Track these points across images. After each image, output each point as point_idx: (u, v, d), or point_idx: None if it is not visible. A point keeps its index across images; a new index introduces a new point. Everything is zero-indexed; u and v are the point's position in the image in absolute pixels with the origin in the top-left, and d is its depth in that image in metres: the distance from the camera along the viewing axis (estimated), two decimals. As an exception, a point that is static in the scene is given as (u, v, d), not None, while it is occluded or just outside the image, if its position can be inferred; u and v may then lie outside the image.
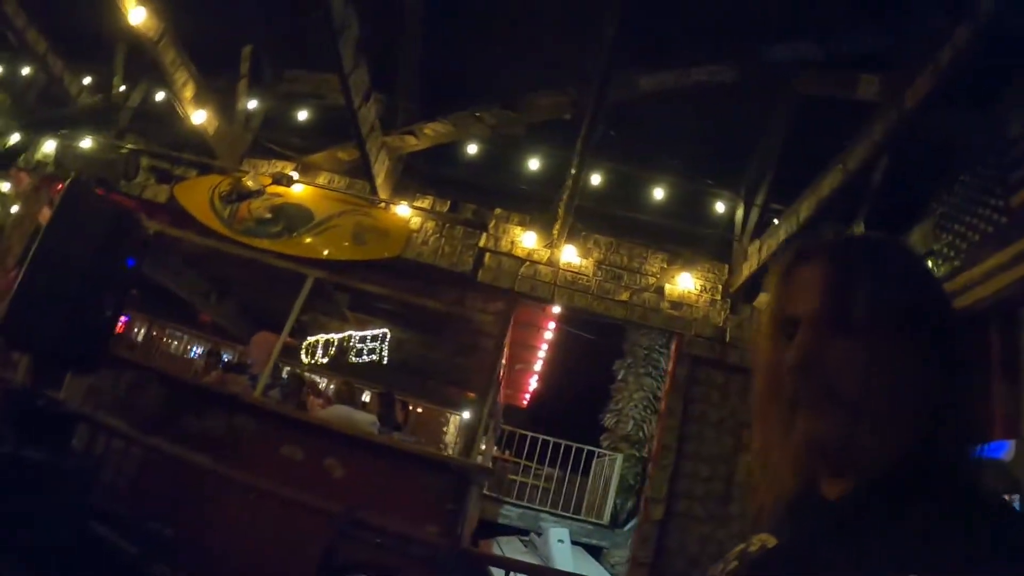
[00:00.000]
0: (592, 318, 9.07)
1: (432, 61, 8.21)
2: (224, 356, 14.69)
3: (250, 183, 8.39)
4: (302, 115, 9.46)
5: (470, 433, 8.93)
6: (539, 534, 14.53)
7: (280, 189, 8.55)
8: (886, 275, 1.23)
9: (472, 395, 16.60)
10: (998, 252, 5.40)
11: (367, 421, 8.87)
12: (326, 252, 8.58)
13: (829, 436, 1.17)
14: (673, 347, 8.71)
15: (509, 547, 13.93)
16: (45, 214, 11.55)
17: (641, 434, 18.15)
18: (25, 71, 10.84)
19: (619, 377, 19.26)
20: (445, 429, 19.44)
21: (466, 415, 18.50)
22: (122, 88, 9.91)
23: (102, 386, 7.92)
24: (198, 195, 8.91)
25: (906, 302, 1.20)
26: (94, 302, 6.11)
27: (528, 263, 8.47)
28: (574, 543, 14.20)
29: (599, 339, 15.98)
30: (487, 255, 8.53)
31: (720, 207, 9.03)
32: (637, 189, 8.84)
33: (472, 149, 8.77)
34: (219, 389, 8.86)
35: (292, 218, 8.66)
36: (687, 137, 8.42)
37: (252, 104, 9.19)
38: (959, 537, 1.01)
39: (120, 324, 16.17)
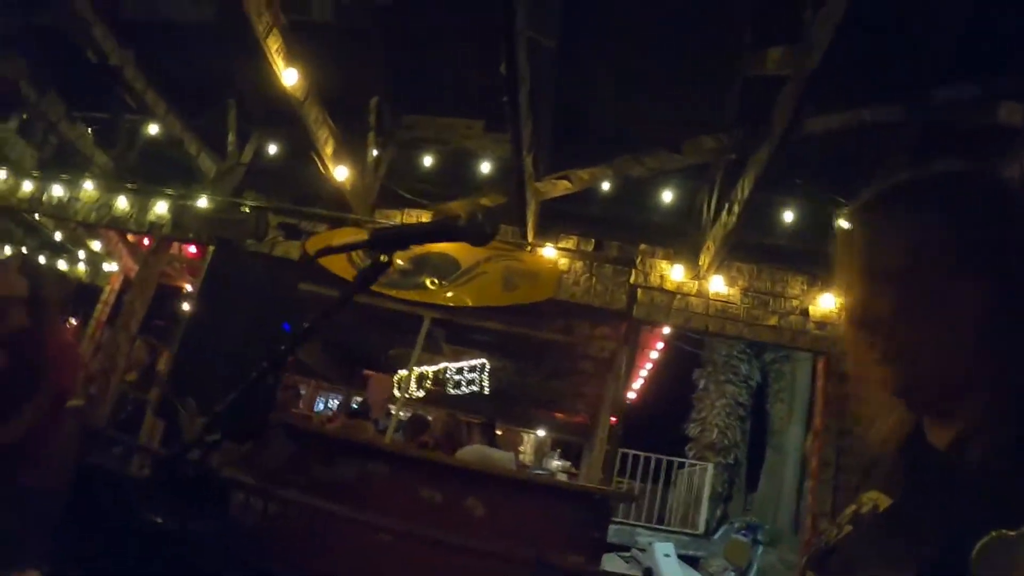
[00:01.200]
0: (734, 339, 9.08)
1: (565, 101, 8.19)
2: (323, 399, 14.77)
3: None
4: (426, 161, 9.44)
5: (599, 457, 8.93)
6: (642, 550, 14.56)
7: (420, 238, 8.54)
8: (920, 217, 1.24)
9: (560, 415, 16.70)
10: None
11: (507, 459, 8.88)
12: (477, 299, 8.57)
13: (903, 384, 1.22)
14: (821, 365, 8.75)
15: (609, 564, 13.92)
16: (179, 278, 11.61)
17: (726, 441, 18.23)
18: (127, 130, 10.87)
19: (700, 386, 19.33)
20: (522, 449, 19.47)
21: (541, 433, 18.57)
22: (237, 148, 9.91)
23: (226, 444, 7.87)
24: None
25: (949, 237, 1.19)
26: (251, 369, 6.07)
27: (679, 296, 8.48)
28: (670, 555, 14.27)
29: (693, 352, 16.01)
30: (639, 291, 8.53)
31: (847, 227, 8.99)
32: (770, 213, 8.84)
33: (606, 186, 8.75)
34: (349, 436, 8.84)
35: (437, 268, 8.64)
36: (814, 158, 8.42)
37: (376, 153, 9.17)
38: None
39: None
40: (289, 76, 7.23)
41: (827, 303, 8.52)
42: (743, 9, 6.76)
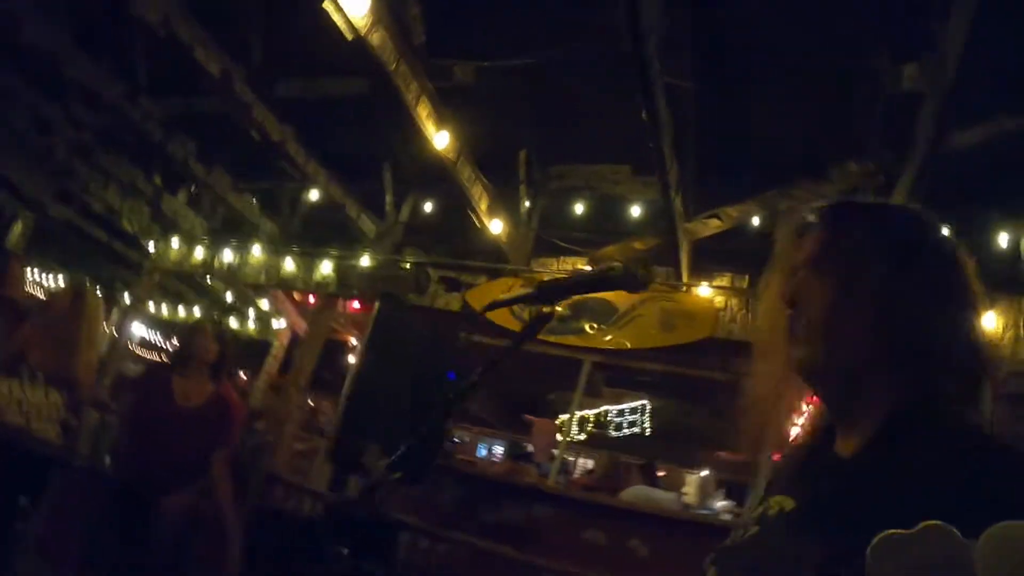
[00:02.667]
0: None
1: (704, 139, 8.26)
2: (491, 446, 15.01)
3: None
4: (577, 209, 9.62)
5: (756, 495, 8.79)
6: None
7: (577, 285, 8.69)
8: (867, 226, 1.40)
9: (724, 454, 16.50)
10: None
11: (670, 500, 8.88)
12: (637, 341, 8.66)
13: (808, 358, 1.35)
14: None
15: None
16: (343, 333, 12.06)
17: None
18: (290, 198, 11.42)
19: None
20: (685, 489, 19.26)
21: (704, 473, 18.34)
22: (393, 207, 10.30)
23: (394, 487, 8.06)
24: (491, 299, 9.11)
25: (897, 247, 1.34)
26: (421, 417, 6.23)
27: (832, 329, 8.39)
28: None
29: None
30: (794, 323, 8.47)
31: (1004, 240, 8.75)
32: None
33: (756, 220, 8.76)
34: (513, 480, 8.99)
35: (595, 313, 8.77)
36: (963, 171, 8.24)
37: (527, 204, 9.41)
38: (980, 485, 1.05)
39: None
40: (440, 139, 7.54)
41: (987, 322, 8.27)
42: (874, 27, 6.73)
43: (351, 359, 12.52)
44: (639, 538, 7.66)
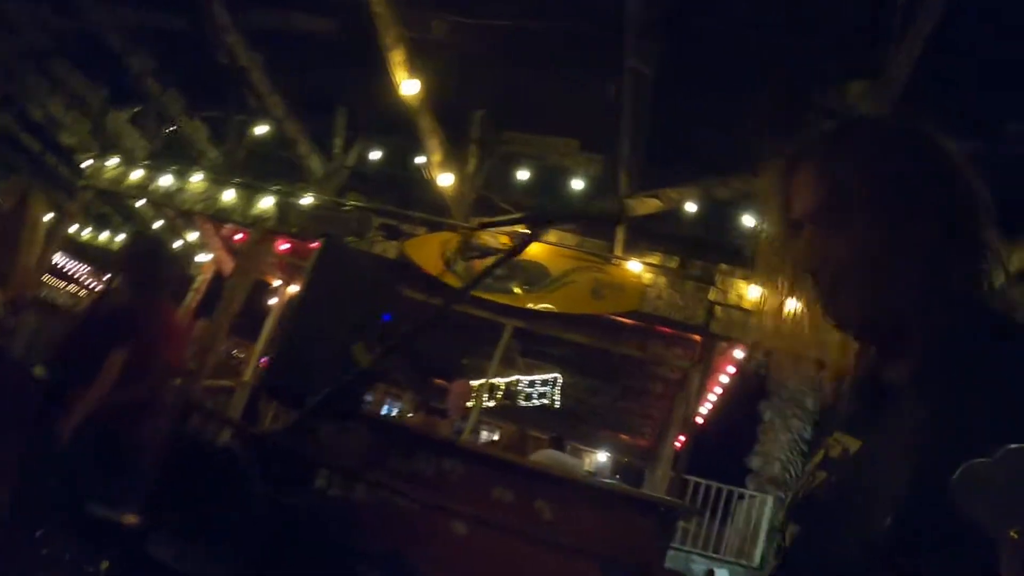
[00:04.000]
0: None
1: (657, 125, 8.56)
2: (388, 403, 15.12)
3: (489, 239, 8.78)
4: (522, 175, 9.87)
5: (671, 483, 9.16)
6: (699, 577, 14.65)
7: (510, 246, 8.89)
8: (875, 160, 1.29)
9: (625, 437, 16.93)
10: None
11: (578, 466, 9.19)
12: (565, 306, 8.95)
13: (850, 317, 1.27)
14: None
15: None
16: (269, 274, 12.13)
17: (787, 476, 18.17)
18: (237, 129, 11.43)
19: (765, 418, 19.30)
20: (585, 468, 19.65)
21: (605, 455, 18.78)
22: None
23: (310, 425, 8.23)
24: (428, 251, 9.35)
25: (896, 179, 1.26)
26: (351, 357, 6.42)
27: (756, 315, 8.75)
28: (726, 585, 14.36)
29: (763, 375, 16.05)
30: (717, 308, 8.86)
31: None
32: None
33: (692, 208, 9.11)
34: (428, 432, 9.18)
35: (529, 274, 9.05)
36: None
37: (476, 164, 9.63)
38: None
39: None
40: (411, 87, 7.72)
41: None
42: (829, 42, 7.06)
43: (273, 301, 12.62)
44: (545, 500, 7.93)
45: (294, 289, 11.48)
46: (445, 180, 8.75)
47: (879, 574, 1.02)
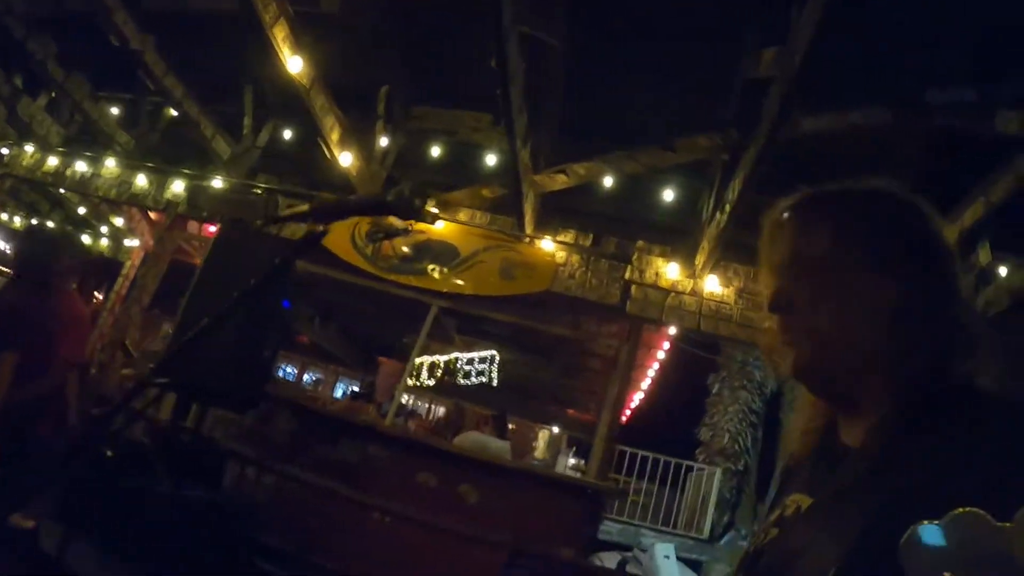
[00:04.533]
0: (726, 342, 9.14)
1: (570, 97, 8.33)
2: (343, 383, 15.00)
3: (395, 220, 8.50)
4: (434, 152, 9.62)
5: (602, 454, 9.00)
6: (643, 550, 14.56)
7: (423, 226, 8.69)
8: (841, 220, 1.35)
9: (573, 412, 16.81)
10: None
11: (502, 448, 8.98)
12: (474, 287, 8.73)
13: (805, 364, 1.31)
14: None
15: (610, 563, 13.98)
16: (196, 256, 11.84)
17: (737, 447, 18.17)
18: (150, 112, 11.13)
19: (714, 391, 19.28)
20: (535, 445, 19.54)
21: (555, 430, 18.65)
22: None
23: (228, 416, 8.05)
24: (338, 233, 9.07)
25: (864, 239, 1.31)
26: (253, 344, 6.22)
27: (673, 294, 8.56)
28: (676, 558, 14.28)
29: (702, 355, 15.98)
30: (633, 287, 8.63)
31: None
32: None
33: (608, 182, 8.87)
34: (351, 418, 8.98)
35: (437, 255, 8.81)
36: (819, 161, 8.46)
37: (385, 141, 9.35)
38: (986, 463, 1.02)
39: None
40: (294, 64, 7.45)
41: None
42: (746, 11, 6.86)
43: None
44: (469, 483, 7.76)
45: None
46: (345, 159, 8.45)
47: None
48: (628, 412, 17.11)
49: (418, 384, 14.60)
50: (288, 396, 9.49)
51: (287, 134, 10.17)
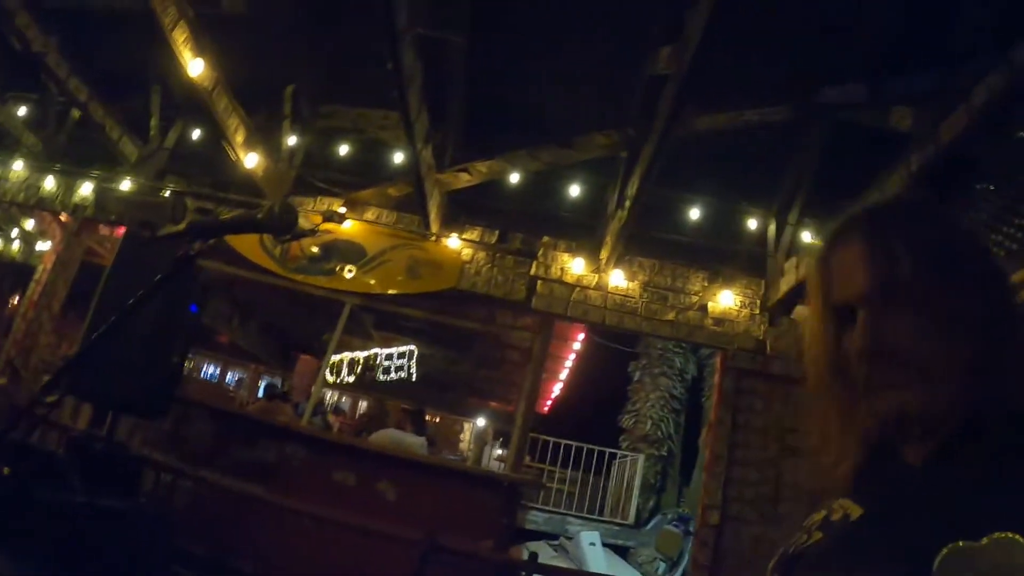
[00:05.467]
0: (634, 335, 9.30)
1: (477, 95, 8.40)
2: (265, 381, 14.93)
3: (302, 222, 8.54)
4: (342, 150, 9.63)
5: (518, 445, 9.12)
6: (569, 538, 14.75)
7: (330, 226, 8.72)
8: (922, 236, 1.24)
9: (494, 404, 16.90)
10: (1020, 269, 5.58)
11: (418, 444, 9.07)
12: (381, 287, 8.79)
13: (912, 407, 1.16)
14: (718, 361, 8.97)
15: (538, 552, 14.11)
16: (110, 258, 11.70)
17: (659, 433, 18.44)
18: (57, 113, 10.97)
19: (635, 378, 19.54)
20: (462, 437, 19.67)
21: (480, 422, 18.76)
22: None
23: (149, 424, 8.05)
24: (246, 235, 9.07)
25: (947, 259, 1.20)
26: (160, 351, 6.23)
27: (578, 288, 8.70)
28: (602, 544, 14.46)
29: (617, 344, 16.18)
30: (539, 283, 8.75)
31: (753, 224, 9.29)
32: (674, 211, 9.08)
33: (515, 179, 8.98)
34: (267, 419, 9.01)
35: (344, 254, 8.86)
36: (721, 158, 8.66)
37: (293, 141, 9.35)
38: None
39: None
40: (195, 67, 7.43)
41: (726, 300, 8.76)
42: (652, 7, 6.88)
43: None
44: (388, 480, 7.83)
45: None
46: (250, 161, 8.45)
47: None
48: (550, 403, 17.31)
49: (339, 381, 14.58)
50: (204, 399, 9.48)
51: (196, 134, 10.08)
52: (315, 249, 8.91)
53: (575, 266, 8.70)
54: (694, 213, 9.06)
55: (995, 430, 1.10)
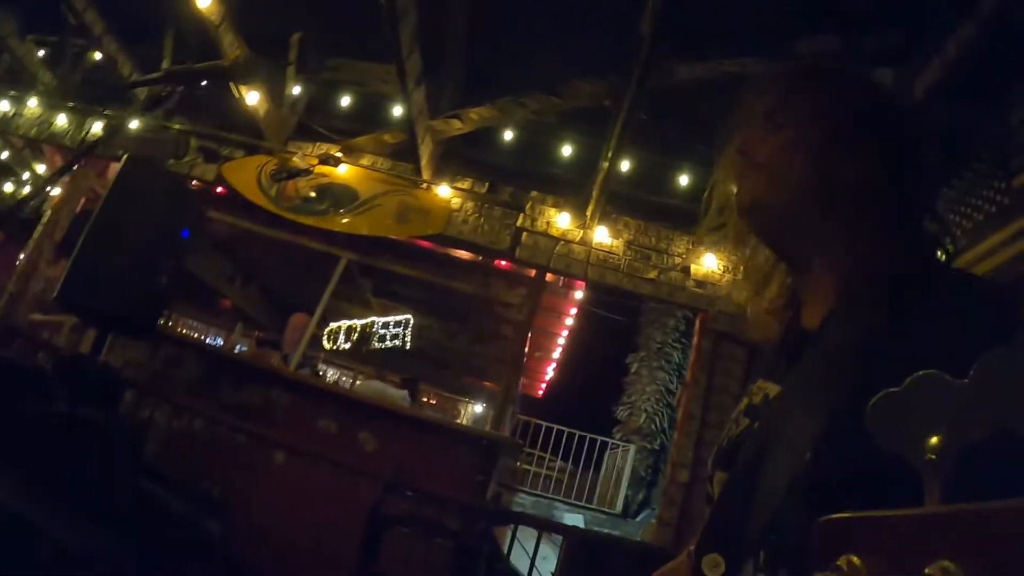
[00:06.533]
0: (618, 299, 9.42)
1: (474, 46, 8.55)
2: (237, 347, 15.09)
3: (298, 162, 8.74)
4: (344, 101, 9.85)
5: (498, 413, 9.25)
6: (554, 521, 14.81)
7: (326, 169, 8.87)
8: (824, 88, 1.44)
9: (490, 384, 17.00)
10: (1000, 230, 5.69)
11: (400, 396, 9.22)
12: (370, 229, 8.95)
13: (754, 197, 1.39)
14: (698, 322, 9.06)
15: (523, 535, 14.19)
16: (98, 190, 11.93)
17: (653, 427, 18.49)
18: (74, 54, 11.22)
19: (632, 371, 19.62)
20: (459, 420, 19.74)
21: (479, 408, 18.87)
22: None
23: (139, 358, 8.22)
24: (245, 174, 9.29)
25: (843, 107, 1.37)
26: (150, 270, 6.41)
27: (562, 242, 8.84)
28: (590, 531, 14.53)
29: (615, 330, 16.25)
30: (524, 234, 8.90)
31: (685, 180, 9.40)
32: (665, 174, 9.21)
33: (508, 135, 9.15)
34: (256, 363, 9.16)
35: (338, 197, 9.03)
36: (708, 126, 8.76)
37: (297, 89, 9.55)
38: (949, 322, 1.06)
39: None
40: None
41: (709, 263, 8.87)
42: None
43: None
44: (369, 431, 7.97)
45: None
46: (252, 98, 8.65)
47: (803, 512, 0.97)
48: (544, 385, 17.43)
49: (335, 348, 14.74)
50: (194, 340, 9.68)
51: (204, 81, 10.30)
52: (311, 192, 9.09)
53: (561, 220, 8.84)
54: (683, 179, 9.19)
55: (879, 278, 1.19)
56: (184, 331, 20.39)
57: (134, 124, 9.56)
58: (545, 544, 13.63)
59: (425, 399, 17.64)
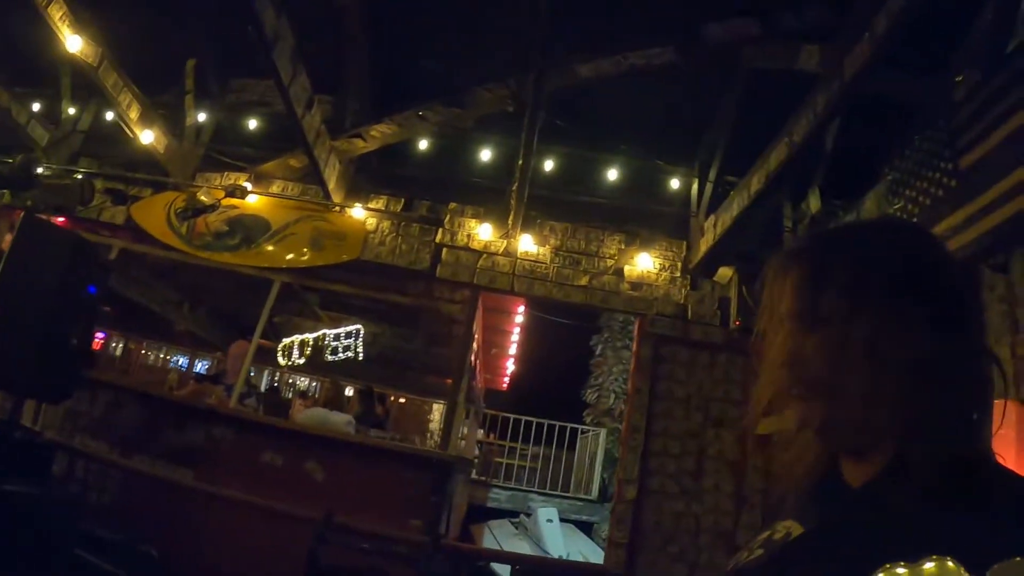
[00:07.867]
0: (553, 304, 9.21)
1: (377, 61, 8.28)
2: (199, 366, 14.83)
3: (204, 198, 8.40)
4: (252, 124, 9.53)
5: (447, 421, 9.03)
6: (529, 515, 14.65)
7: (235, 201, 8.57)
8: (848, 265, 1.27)
9: (451, 382, 16.79)
10: (950, 215, 5.41)
11: (343, 421, 8.96)
12: (287, 259, 8.66)
13: (814, 420, 1.26)
14: (636, 327, 8.80)
15: (500, 530, 14.07)
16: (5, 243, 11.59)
17: (623, 407, 18.30)
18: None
19: (597, 352, 19.38)
20: (430, 418, 19.54)
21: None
22: (71, 111, 9.92)
23: (79, 408, 7.98)
24: (154, 214, 8.97)
25: (874, 283, 1.24)
26: (59, 332, 6.17)
27: (486, 255, 8.56)
28: (565, 520, 14.38)
29: (571, 320, 16.03)
30: (444, 250, 8.62)
31: (675, 184, 9.15)
32: (590, 172, 8.96)
33: (423, 145, 8.88)
34: (195, 402, 8.91)
35: (249, 229, 8.73)
36: (638, 117, 8.49)
37: (201, 117, 9.22)
38: (987, 519, 1.05)
39: (97, 342, 16.26)
40: (73, 43, 7.29)
41: (644, 263, 8.59)
42: None
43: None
44: (315, 460, 7.74)
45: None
46: (147, 137, 8.32)
47: None
48: (507, 379, 17.23)
49: (290, 363, 14.49)
50: (132, 383, 9.42)
51: (110, 115, 9.95)
52: (223, 226, 8.78)
53: (482, 232, 8.55)
54: (612, 174, 8.92)
55: (923, 468, 1.12)
56: (150, 356, 20.20)
57: (39, 171, 9.26)
58: (519, 538, 13.53)
59: (392, 398, 17.40)
